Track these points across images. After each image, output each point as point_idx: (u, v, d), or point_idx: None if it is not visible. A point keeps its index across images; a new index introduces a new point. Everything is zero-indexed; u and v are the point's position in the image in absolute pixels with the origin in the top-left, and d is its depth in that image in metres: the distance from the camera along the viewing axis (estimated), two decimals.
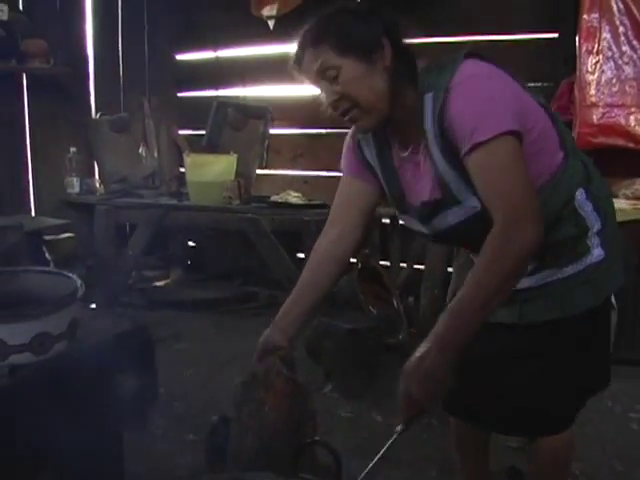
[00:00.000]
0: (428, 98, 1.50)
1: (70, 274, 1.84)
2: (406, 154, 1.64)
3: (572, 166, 1.65)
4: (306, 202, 4.38)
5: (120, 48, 5.59)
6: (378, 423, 3.16)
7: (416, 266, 4.48)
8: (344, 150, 1.82)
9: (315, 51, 1.51)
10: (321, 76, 1.52)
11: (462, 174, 1.49)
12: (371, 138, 1.71)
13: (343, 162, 1.82)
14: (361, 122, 1.57)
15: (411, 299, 4.41)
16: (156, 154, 5.63)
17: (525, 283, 1.63)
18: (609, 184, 2.07)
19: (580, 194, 1.65)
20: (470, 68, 1.50)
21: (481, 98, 1.45)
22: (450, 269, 4.22)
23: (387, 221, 4.78)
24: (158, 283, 5.56)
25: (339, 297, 4.07)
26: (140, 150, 5.40)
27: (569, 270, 1.63)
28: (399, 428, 1.42)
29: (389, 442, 1.44)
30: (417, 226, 1.70)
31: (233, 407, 1.67)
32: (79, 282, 1.79)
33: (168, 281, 5.61)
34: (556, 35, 4.38)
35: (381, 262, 4.65)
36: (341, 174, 1.83)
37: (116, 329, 2.03)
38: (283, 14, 4.93)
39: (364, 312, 3.87)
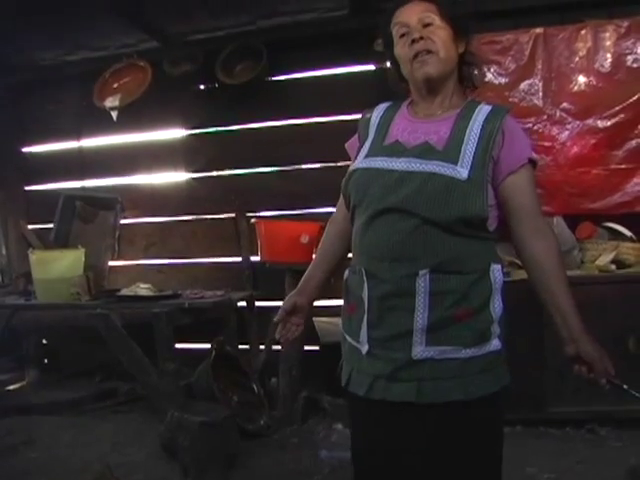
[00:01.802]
0: (485, 106, 1.79)
1: None
2: (423, 115, 1.83)
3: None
4: (156, 293, 4.33)
5: None
6: None
7: (275, 347, 4.47)
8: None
9: (424, 3, 1.80)
10: (419, 20, 1.77)
11: (481, 156, 1.68)
12: (384, 108, 1.93)
13: (349, 146, 2.01)
14: (429, 66, 1.76)
15: (274, 380, 4.40)
16: (4, 251, 5.43)
17: (426, 353, 1.65)
18: None
19: (498, 269, 1.73)
20: None
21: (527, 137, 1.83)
22: (309, 347, 4.27)
23: (243, 304, 4.79)
24: (12, 387, 5.25)
25: (195, 388, 4.01)
26: None
27: (470, 352, 1.66)
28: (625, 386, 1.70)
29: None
30: (388, 163, 1.74)
31: None
32: None
33: (24, 383, 5.32)
34: None
35: (240, 346, 4.64)
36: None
37: None
38: (127, 104, 4.96)
39: (221, 401, 3.81)
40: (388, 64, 1.97)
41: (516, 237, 1.75)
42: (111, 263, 5.16)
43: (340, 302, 2.06)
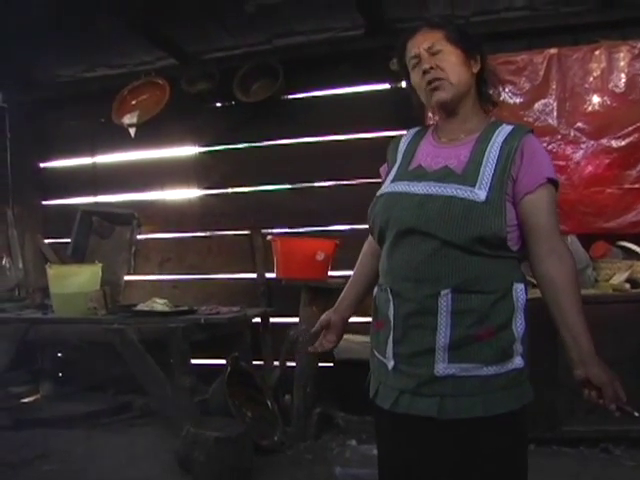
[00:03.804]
0: (506, 126, 1.83)
1: None
2: (445, 140, 1.89)
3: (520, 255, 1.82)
4: (172, 309, 4.36)
5: None
6: None
7: (289, 363, 4.48)
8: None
9: (431, 31, 1.87)
10: (428, 50, 1.84)
11: (500, 177, 1.72)
12: (412, 134, 2.00)
13: (382, 171, 2.06)
14: (442, 92, 1.83)
15: (288, 396, 4.40)
16: (21, 265, 5.47)
17: (448, 370, 1.69)
18: None
19: (521, 289, 1.76)
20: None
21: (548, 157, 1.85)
22: (323, 364, 4.28)
23: (258, 320, 4.81)
24: (27, 399, 5.28)
25: (211, 403, 4.02)
26: (3, 261, 5.23)
27: (491, 370, 1.69)
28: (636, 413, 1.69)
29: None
30: (410, 187, 1.80)
31: None
32: None
33: (38, 396, 5.34)
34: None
35: (255, 362, 4.65)
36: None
37: None
38: (144, 121, 5.02)
39: (236, 417, 3.82)
40: (407, 88, 2.01)
41: (532, 256, 1.77)
42: (127, 278, 5.22)
43: (356, 319, 2.10)
